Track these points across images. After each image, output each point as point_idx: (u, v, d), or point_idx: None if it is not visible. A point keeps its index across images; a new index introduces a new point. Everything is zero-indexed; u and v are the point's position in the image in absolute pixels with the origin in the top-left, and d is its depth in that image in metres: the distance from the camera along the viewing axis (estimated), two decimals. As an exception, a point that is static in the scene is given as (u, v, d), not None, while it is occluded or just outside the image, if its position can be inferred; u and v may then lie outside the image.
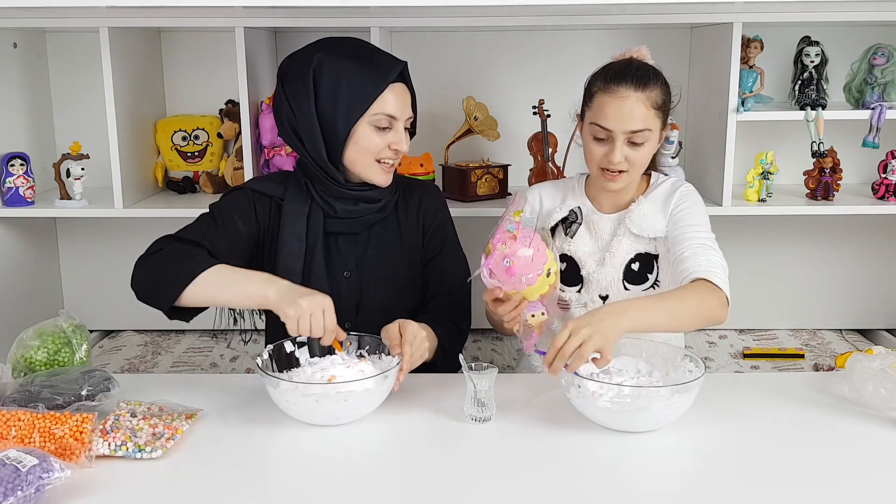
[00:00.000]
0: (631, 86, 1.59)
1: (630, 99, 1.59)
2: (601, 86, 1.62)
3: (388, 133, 1.60)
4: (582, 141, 1.70)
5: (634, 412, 1.32)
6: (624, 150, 1.61)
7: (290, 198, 1.66)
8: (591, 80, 1.67)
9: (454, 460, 1.29)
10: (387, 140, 1.60)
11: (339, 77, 1.57)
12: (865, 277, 2.66)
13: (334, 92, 1.57)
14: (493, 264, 1.43)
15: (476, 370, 1.39)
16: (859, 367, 1.47)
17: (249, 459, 1.29)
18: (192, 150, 2.50)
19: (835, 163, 2.32)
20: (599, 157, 1.63)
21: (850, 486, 1.20)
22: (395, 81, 1.59)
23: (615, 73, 1.62)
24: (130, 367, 2.46)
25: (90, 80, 2.48)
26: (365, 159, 1.60)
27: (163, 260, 1.52)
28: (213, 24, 2.21)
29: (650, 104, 1.60)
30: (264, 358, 1.46)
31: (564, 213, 1.72)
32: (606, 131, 1.60)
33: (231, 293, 1.47)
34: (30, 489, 1.09)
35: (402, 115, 1.61)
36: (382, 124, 1.59)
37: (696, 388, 1.35)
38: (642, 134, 1.60)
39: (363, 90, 1.57)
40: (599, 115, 1.61)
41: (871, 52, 2.23)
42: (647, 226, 1.67)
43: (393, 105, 1.59)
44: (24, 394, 1.38)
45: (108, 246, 2.68)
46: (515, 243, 1.41)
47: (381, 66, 1.59)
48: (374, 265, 1.69)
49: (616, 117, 1.59)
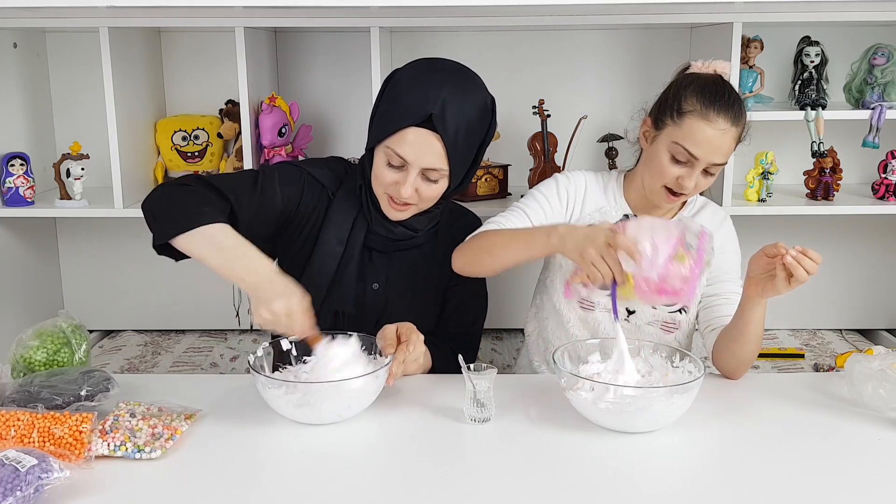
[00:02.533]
0: (729, 119, 1.55)
1: (726, 133, 1.55)
2: (698, 108, 1.55)
3: (399, 172, 1.54)
4: (652, 150, 1.63)
5: (634, 413, 1.32)
6: (698, 177, 1.58)
7: (340, 198, 1.63)
8: (682, 92, 1.58)
9: (453, 461, 1.29)
10: (396, 177, 1.54)
11: (400, 90, 1.54)
12: (865, 277, 2.66)
13: (389, 103, 1.54)
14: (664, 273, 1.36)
15: (475, 370, 1.39)
16: (859, 368, 1.47)
17: (249, 460, 1.29)
18: (192, 150, 2.50)
19: (835, 163, 2.32)
20: (672, 177, 1.58)
21: (849, 486, 1.20)
22: (421, 126, 1.49)
23: (715, 100, 1.55)
24: (130, 367, 2.46)
25: (90, 80, 2.48)
26: (378, 187, 1.58)
27: (177, 195, 1.49)
28: (213, 24, 2.21)
29: (735, 137, 1.59)
30: (258, 355, 1.46)
31: (617, 217, 1.68)
32: (691, 157, 1.56)
33: (217, 260, 1.42)
34: (29, 489, 1.09)
35: (418, 162, 1.51)
36: (393, 162, 1.53)
37: (695, 388, 1.34)
38: (719, 167, 1.59)
39: (390, 119, 1.52)
40: (690, 139, 1.55)
41: (871, 52, 2.23)
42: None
43: (407, 148, 1.50)
44: (23, 394, 1.38)
45: (108, 246, 2.68)
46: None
47: (412, 105, 1.50)
48: (404, 283, 1.67)
49: (707, 147, 1.55)
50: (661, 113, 1.61)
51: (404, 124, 1.50)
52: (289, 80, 2.54)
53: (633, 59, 2.50)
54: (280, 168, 1.64)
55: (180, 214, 1.45)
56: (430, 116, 1.49)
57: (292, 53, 2.55)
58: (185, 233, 1.43)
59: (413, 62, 1.59)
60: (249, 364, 1.42)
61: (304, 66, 2.54)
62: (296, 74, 2.55)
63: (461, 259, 1.60)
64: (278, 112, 2.31)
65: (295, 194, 1.62)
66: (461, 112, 1.51)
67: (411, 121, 1.49)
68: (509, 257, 1.52)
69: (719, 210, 1.77)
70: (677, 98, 1.59)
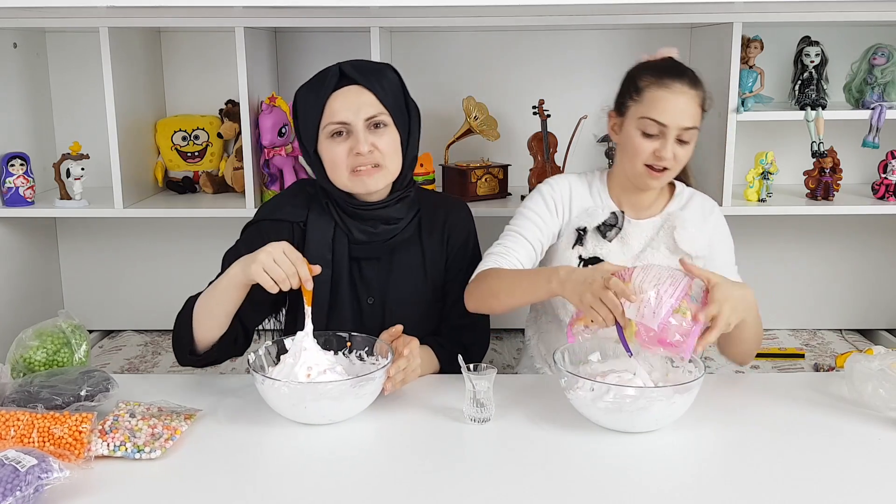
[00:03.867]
0: (686, 82, 1.60)
1: (686, 95, 1.59)
2: (654, 80, 1.60)
3: (348, 139, 1.56)
4: (623, 136, 1.66)
5: (634, 412, 1.32)
6: (674, 147, 1.60)
7: (313, 221, 1.64)
8: (636, 75, 1.65)
9: (453, 461, 1.29)
10: (347, 146, 1.56)
11: (299, 107, 1.61)
12: (865, 277, 2.66)
13: (300, 122, 1.61)
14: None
15: (475, 371, 1.39)
16: (859, 368, 1.47)
17: (248, 460, 1.29)
18: (192, 150, 2.50)
19: (835, 163, 2.32)
20: (648, 152, 1.61)
21: (849, 486, 1.20)
22: (341, 87, 1.56)
23: (669, 70, 1.62)
24: (130, 367, 2.46)
25: (90, 80, 2.48)
26: (340, 173, 1.58)
27: (177, 319, 1.57)
28: (213, 24, 2.21)
29: (698, 102, 1.62)
30: (259, 354, 1.46)
31: (605, 215, 1.68)
32: (660, 126, 1.59)
33: (217, 297, 1.49)
34: (29, 489, 1.09)
35: (357, 117, 1.55)
36: (337, 132, 1.56)
37: (696, 388, 1.34)
38: (692, 132, 1.61)
39: (311, 109, 1.58)
40: (653, 109, 1.59)
41: (871, 52, 2.23)
42: (697, 245, 1.67)
43: (340, 111, 1.55)
44: (23, 394, 1.38)
45: (108, 246, 2.68)
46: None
47: (321, 80, 1.58)
48: (397, 290, 1.66)
49: (673, 112, 1.58)
50: (621, 100, 1.67)
51: (326, 95, 1.55)
52: (289, 80, 2.54)
53: (633, 59, 2.49)
54: (242, 238, 1.67)
55: (182, 322, 1.54)
56: (340, 73, 1.57)
57: (292, 53, 2.55)
58: (192, 325, 1.50)
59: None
60: (249, 364, 1.43)
61: (304, 66, 2.53)
62: (296, 74, 2.55)
63: (472, 302, 1.63)
64: (278, 112, 2.31)
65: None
66: (362, 65, 1.61)
67: (329, 89, 1.56)
68: (515, 301, 1.56)
69: (707, 200, 1.78)
70: (631, 81, 1.65)
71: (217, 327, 1.51)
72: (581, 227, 1.68)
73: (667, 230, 1.68)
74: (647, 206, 1.72)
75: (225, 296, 1.47)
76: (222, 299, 1.48)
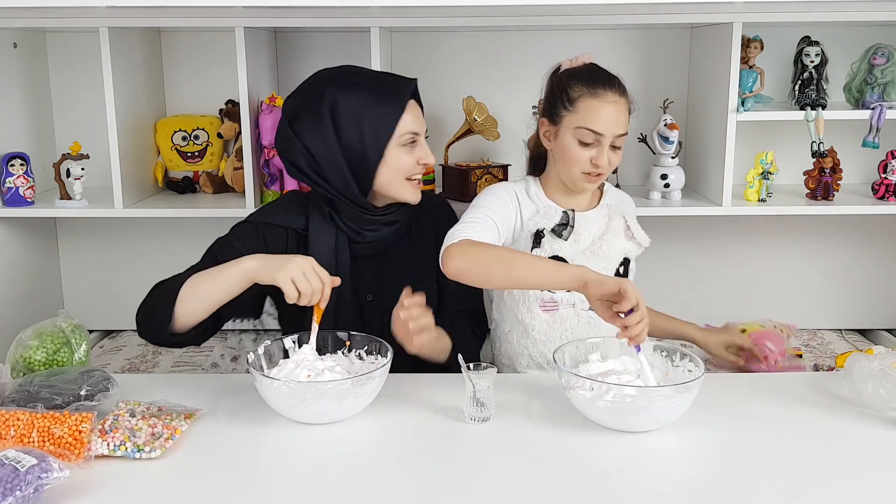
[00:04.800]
0: (616, 91, 1.67)
1: (617, 104, 1.66)
2: (586, 91, 1.66)
3: (416, 149, 1.67)
4: (557, 145, 1.71)
5: (634, 412, 1.32)
6: (608, 153, 1.66)
7: (315, 228, 1.66)
8: (564, 84, 1.69)
9: (453, 460, 1.29)
10: (415, 156, 1.66)
11: (359, 107, 1.60)
12: (865, 277, 2.66)
13: (358, 123, 1.60)
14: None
15: (475, 370, 1.39)
16: (859, 367, 1.47)
17: (249, 459, 1.29)
18: (192, 150, 2.50)
19: (835, 163, 2.32)
20: (585, 160, 1.67)
21: (849, 486, 1.20)
22: (410, 99, 1.66)
23: (599, 79, 1.67)
24: (131, 367, 2.46)
25: (90, 80, 2.48)
26: (398, 180, 1.65)
27: (151, 297, 1.55)
28: (213, 24, 2.21)
29: (628, 109, 1.69)
30: (258, 353, 1.47)
31: (558, 216, 1.73)
32: (596, 135, 1.65)
33: (214, 284, 1.47)
34: (28, 489, 1.10)
35: (422, 130, 1.68)
36: (409, 142, 1.65)
37: (696, 388, 1.35)
38: (623, 137, 1.68)
39: (386, 115, 1.62)
40: (589, 119, 1.65)
41: (871, 52, 2.22)
42: (642, 233, 1.78)
43: (413, 122, 1.66)
44: (23, 394, 1.38)
45: (108, 246, 2.68)
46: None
47: (396, 88, 1.66)
48: (394, 285, 1.65)
49: (607, 121, 1.65)
50: (553, 109, 1.71)
51: (403, 107, 1.63)
52: (289, 80, 2.54)
53: (633, 59, 2.50)
54: (234, 231, 1.68)
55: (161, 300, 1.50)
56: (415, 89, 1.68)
57: (292, 53, 2.55)
58: (175, 303, 1.47)
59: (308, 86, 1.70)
60: (249, 363, 1.43)
61: (304, 66, 2.53)
62: (296, 74, 2.55)
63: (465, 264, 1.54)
64: (278, 112, 2.31)
65: (259, 247, 1.63)
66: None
67: (406, 100, 1.65)
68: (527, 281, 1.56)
69: (626, 195, 1.92)
70: (563, 90, 1.70)
71: (203, 311, 1.50)
72: (539, 230, 1.72)
73: (617, 219, 1.75)
74: (585, 204, 1.78)
75: (225, 285, 1.47)
76: (222, 287, 1.47)
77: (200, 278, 1.49)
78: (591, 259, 1.70)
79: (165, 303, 1.49)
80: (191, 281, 1.49)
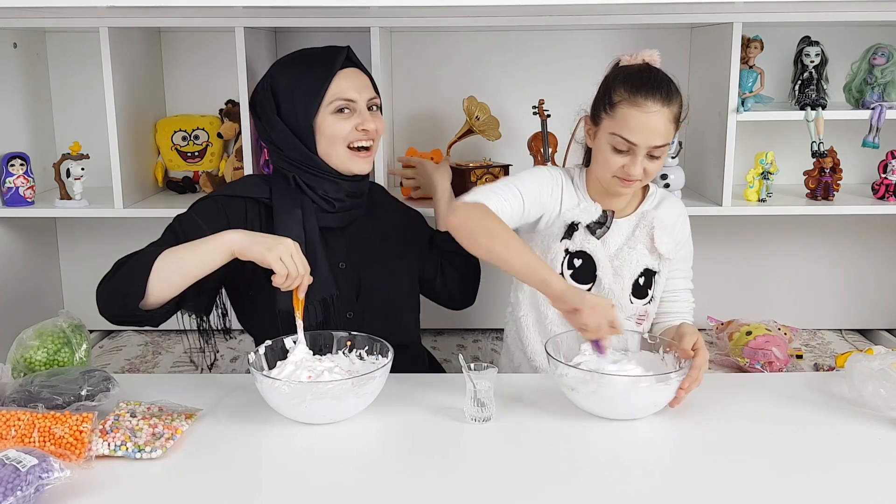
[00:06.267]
0: (658, 101, 1.58)
1: (658, 115, 1.58)
2: (626, 97, 1.59)
3: (352, 116, 1.65)
4: (595, 146, 1.68)
5: (613, 399, 1.36)
6: (644, 162, 1.60)
7: (278, 197, 1.66)
8: (610, 85, 1.63)
9: (454, 460, 1.29)
10: (352, 123, 1.65)
11: (291, 80, 1.65)
12: (865, 277, 2.66)
13: (290, 95, 1.63)
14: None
15: (476, 370, 1.39)
16: (859, 367, 1.47)
17: (249, 459, 1.29)
18: (192, 150, 2.50)
19: (835, 163, 2.32)
20: (618, 167, 1.62)
21: (849, 485, 1.20)
22: (345, 67, 1.66)
23: (642, 86, 1.59)
24: (131, 367, 2.46)
25: (90, 80, 2.48)
26: (337, 148, 1.65)
27: (117, 272, 1.49)
28: (213, 24, 2.21)
29: (672, 118, 1.61)
30: (259, 353, 1.47)
31: (597, 214, 1.70)
32: (630, 144, 1.59)
33: (195, 256, 1.43)
34: (29, 489, 1.10)
35: (361, 97, 1.66)
36: (343, 108, 1.64)
37: (685, 369, 1.41)
38: (663, 148, 1.61)
39: (314, 82, 1.63)
40: (624, 127, 1.59)
41: (871, 52, 2.23)
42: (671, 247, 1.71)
43: (347, 88, 1.65)
44: (23, 394, 1.38)
45: (108, 246, 2.65)
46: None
47: (326, 56, 1.67)
48: (365, 251, 1.73)
49: (642, 132, 1.58)
50: (595, 109, 1.67)
51: (334, 72, 1.63)
52: (289, 80, 2.54)
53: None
54: (194, 207, 1.67)
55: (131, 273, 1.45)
56: (347, 54, 1.68)
57: (292, 53, 2.55)
58: (149, 276, 1.41)
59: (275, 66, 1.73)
60: (249, 363, 1.43)
61: (304, 66, 2.53)
62: (296, 74, 2.55)
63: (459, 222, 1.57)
64: (278, 112, 2.31)
65: (220, 223, 1.60)
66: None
67: (338, 67, 1.64)
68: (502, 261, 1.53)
69: (678, 203, 1.82)
70: (607, 92, 1.64)
71: (178, 286, 1.44)
72: (574, 222, 1.70)
73: (644, 229, 1.71)
74: (623, 206, 1.75)
75: (208, 257, 1.43)
76: (204, 259, 1.43)
77: (178, 251, 1.45)
78: (618, 267, 1.69)
79: (137, 277, 1.43)
80: (166, 254, 1.44)
